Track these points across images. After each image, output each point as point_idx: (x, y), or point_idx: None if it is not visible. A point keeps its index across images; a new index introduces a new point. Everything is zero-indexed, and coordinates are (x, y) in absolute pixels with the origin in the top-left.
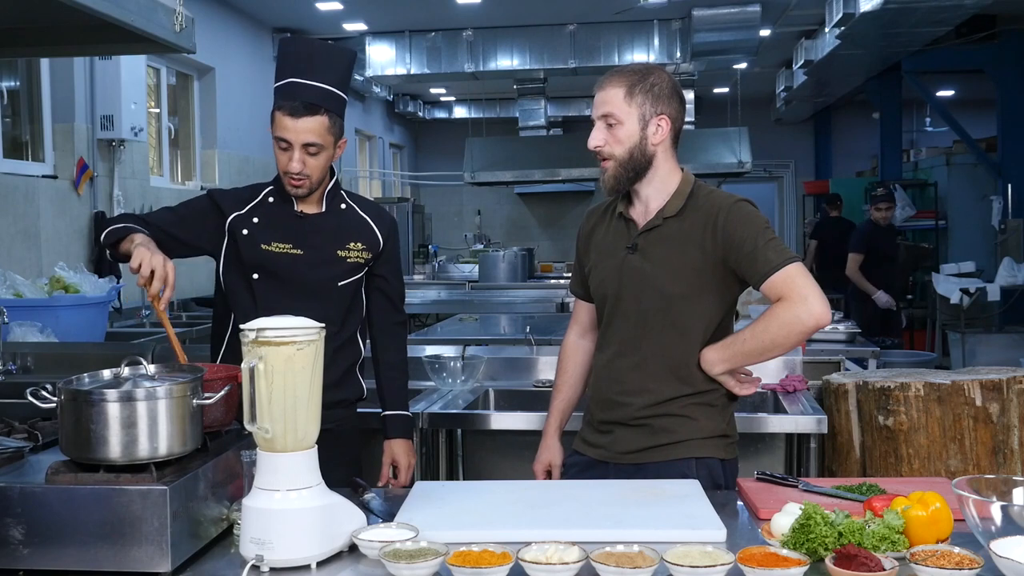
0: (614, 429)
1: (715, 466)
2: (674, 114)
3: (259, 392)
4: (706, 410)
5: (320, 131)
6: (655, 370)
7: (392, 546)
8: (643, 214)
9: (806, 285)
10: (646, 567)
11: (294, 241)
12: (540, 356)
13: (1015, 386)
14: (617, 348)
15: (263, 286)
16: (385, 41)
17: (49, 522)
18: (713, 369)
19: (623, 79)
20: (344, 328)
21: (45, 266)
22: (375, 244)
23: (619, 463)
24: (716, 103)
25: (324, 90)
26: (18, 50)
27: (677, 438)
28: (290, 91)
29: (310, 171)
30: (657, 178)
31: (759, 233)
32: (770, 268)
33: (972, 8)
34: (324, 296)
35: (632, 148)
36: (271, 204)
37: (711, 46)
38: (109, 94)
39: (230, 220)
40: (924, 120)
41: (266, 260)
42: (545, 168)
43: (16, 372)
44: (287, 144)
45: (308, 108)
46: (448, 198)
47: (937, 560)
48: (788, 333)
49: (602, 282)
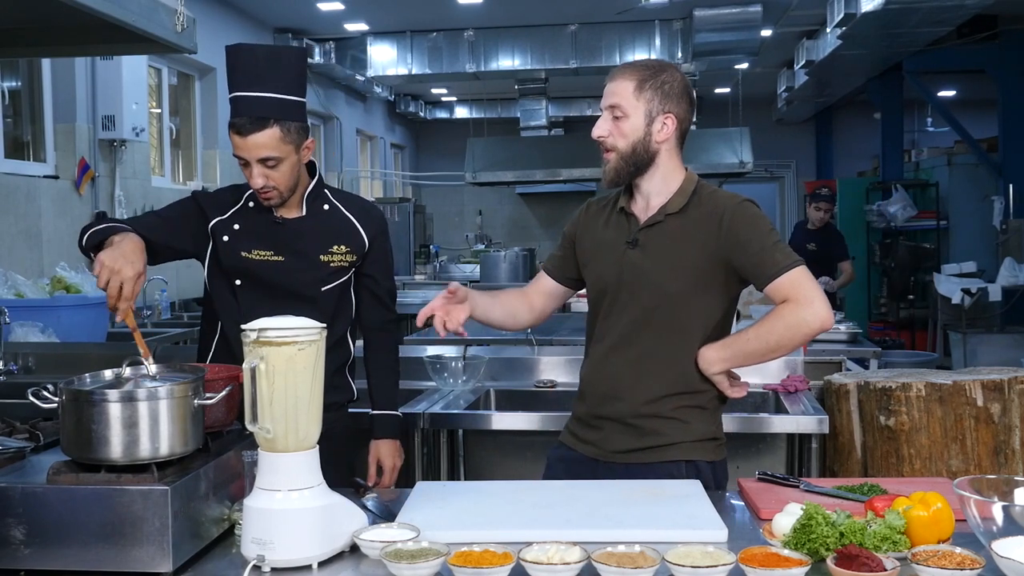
0: (605, 425)
1: (704, 468)
2: (682, 114)
3: (260, 392)
4: (697, 413)
5: (273, 143)
6: (650, 367)
7: (393, 546)
8: (644, 209)
9: (812, 288)
10: (647, 567)
11: (275, 248)
12: (541, 356)
13: (1016, 386)
14: (613, 342)
15: (246, 292)
16: (386, 41)
17: (50, 522)
18: (711, 368)
19: (635, 73)
20: (332, 331)
21: (46, 266)
22: (360, 245)
23: (609, 461)
24: (717, 103)
25: (272, 100)
26: (19, 50)
27: (667, 440)
28: (237, 106)
29: (275, 183)
30: (659, 175)
31: (765, 235)
32: (777, 270)
33: (973, 8)
34: (308, 301)
35: (635, 143)
36: (251, 209)
37: (712, 46)
38: (110, 94)
39: (212, 224)
40: (925, 120)
41: (247, 267)
42: (546, 168)
43: (17, 372)
44: (244, 161)
45: (256, 123)
46: (449, 198)
47: (939, 560)
48: (793, 335)
49: (600, 276)
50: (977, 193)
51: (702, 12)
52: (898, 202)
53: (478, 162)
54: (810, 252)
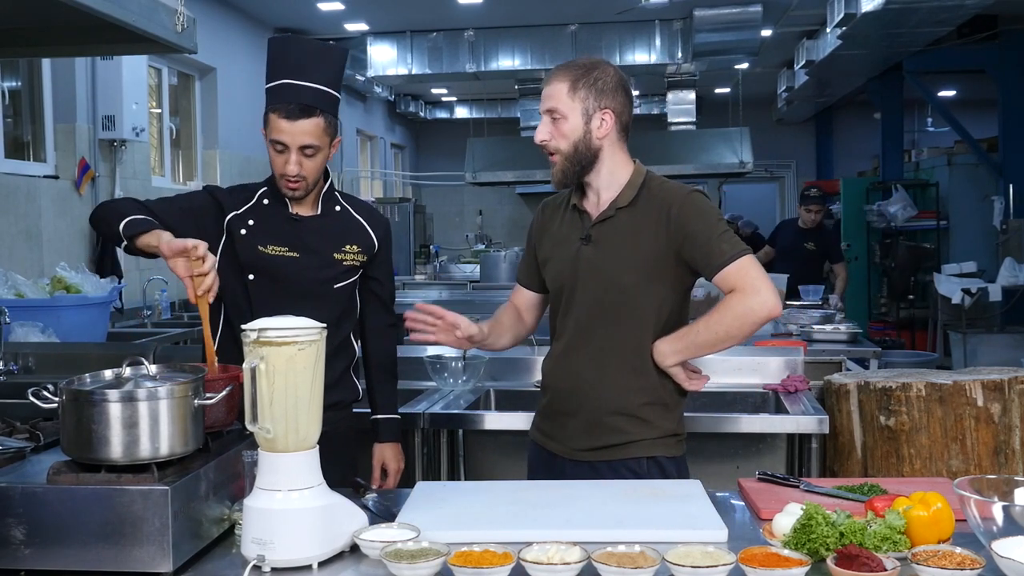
0: (568, 422)
1: (666, 464)
2: (619, 108)
3: (260, 392)
4: (659, 410)
5: (317, 133)
6: (609, 360)
7: (393, 546)
8: (596, 205)
9: (759, 277)
10: (647, 567)
11: (290, 244)
12: (541, 356)
13: (1016, 386)
14: (571, 338)
15: (258, 287)
16: (386, 41)
17: (50, 522)
18: (665, 361)
19: (567, 74)
20: (339, 330)
21: (46, 266)
22: (370, 246)
23: (574, 459)
24: (717, 103)
25: (319, 91)
26: (19, 50)
27: (630, 438)
28: (284, 93)
29: (307, 173)
30: (605, 170)
31: (713, 225)
32: (724, 260)
33: (973, 8)
34: (319, 298)
35: (577, 142)
36: (266, 206)
37: (712, 46)
38: (110, 94)
39: (229, 218)
40: (925, 120)
41: (262, 262)
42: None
43: (18, 372)
44: (283, 147)
45: (304, 110)
46: (449, 198)
47: (939, 560)
48: (741, 324)
49: (557, 273)
50: (977, 193)
51: (702, 12)
52: (898, 202)
53: (478, 162)
54: (809, 251)
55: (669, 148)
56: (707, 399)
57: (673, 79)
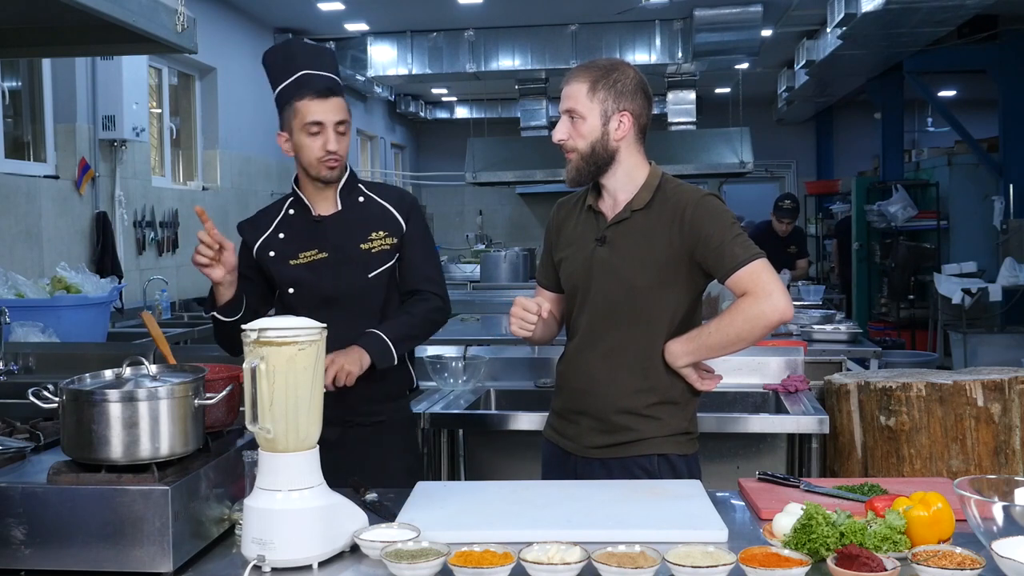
0: (580, 420)
1: (677, 462)
2: (637, 110)
3: (261, 392)
4: (670, 408)
5: (346, 109)
6: (621, 361)
7: (394, 546)
8: (611, 207)
9: (771, 281)
10: (648, 567)
11: (318, 246)
12: (542, 356)
13: (1017, 386)
14: (584, 337)
15: (299, 297)
16: (387, 41)
17: (51, 522)
18: (677, 362)
19: (587, 75)
20: (385, 317)
21: (47, 266)
22: (398, 228)
23: (585, 456)
24: (717, 103)
25: (334, 78)
26: (19, 50)
27: (641, 436)
28: (308, 80)
29: (342, 152)
30: (621, 171)
31: (726, 228)
32: (736, 263)
33: (974, 8)
34: (358, 292)
35: (594, 142)
36: (292, 216)
37: (713, 46)
38: (111, 94)
39: (256, 249)
40: (926, 120)
41: (297, 273)
42: (546, 168)
43: (18, 372)
44: (319, 127)
45: (331, 90)
46: (450, 198)
47: (939, 560)
48: (753, 327)
49: (572, 273)
50: (977, 193)
51: (702, 12)
52: (898, 202)
53: (478, 162)
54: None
55: (669, 148)
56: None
57: (673, 79)
